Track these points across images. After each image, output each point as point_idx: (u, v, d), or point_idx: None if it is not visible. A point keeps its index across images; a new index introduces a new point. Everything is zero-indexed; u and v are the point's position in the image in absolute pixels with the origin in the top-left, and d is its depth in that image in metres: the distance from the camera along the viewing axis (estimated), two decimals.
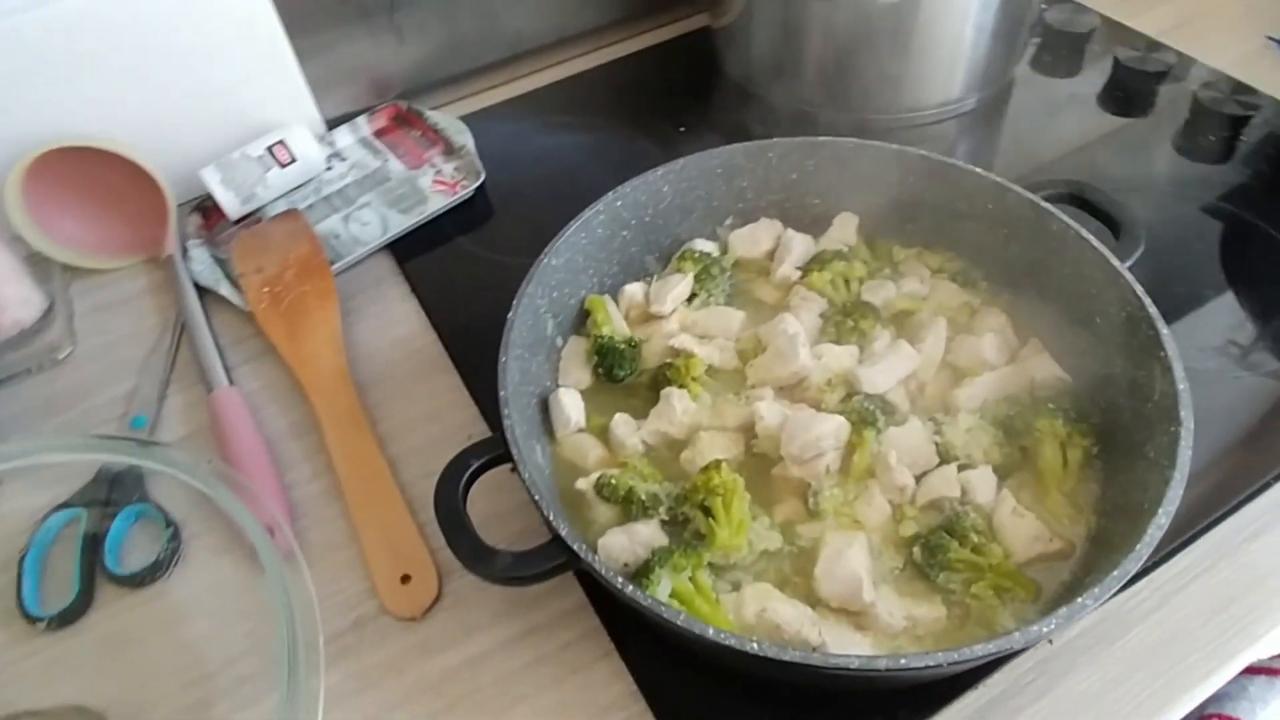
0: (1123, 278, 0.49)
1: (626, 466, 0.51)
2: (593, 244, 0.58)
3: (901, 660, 0.36)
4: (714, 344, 0.57)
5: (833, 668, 0.36)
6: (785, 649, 0.36)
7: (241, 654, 0.48)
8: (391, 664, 0.48)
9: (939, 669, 0.36)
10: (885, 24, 0.72)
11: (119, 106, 0.68)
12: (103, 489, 0.54)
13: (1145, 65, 0.79)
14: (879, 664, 0.36)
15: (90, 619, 0.50)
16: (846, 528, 0.48)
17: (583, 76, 0.86)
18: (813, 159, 0.61)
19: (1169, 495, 0.40)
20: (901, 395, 0.53)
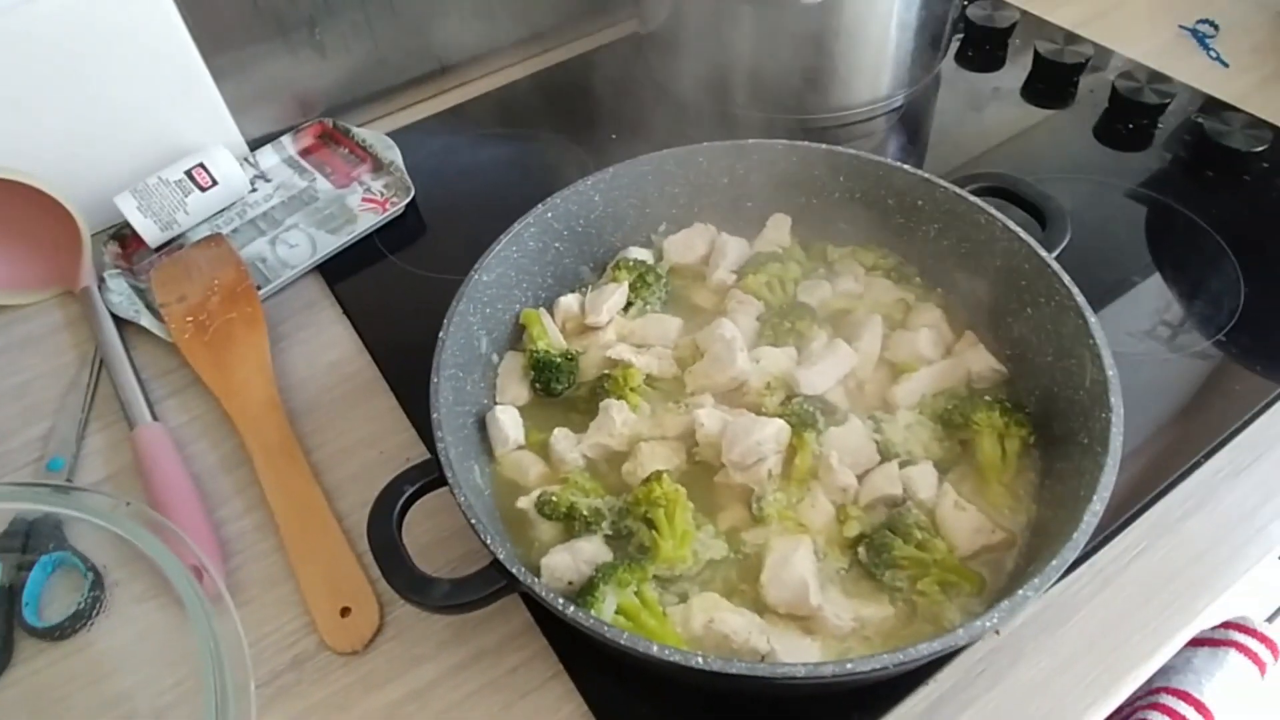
0: (1050, 267, 0.49)
1: (568, 482, 0.50)
2: (524, 257, 0.57)
3: (848, 665, 0.35)
4: (652, 353, 0.56)
5: (780, 677, 0.35)
6: (731, 662, 0.36)
7: (171, 705, 0.46)
8: (334, 702, 0.46)
9: (885, 671, 0.36)
10: (810, 25, 0.72)
11: (24, 134, 0.66)
12: (18, 538, 0.51)
13: (1064, 57, 0.80)
14: (825, 670, 0.35)
15: (10, 675, 0.48)
16: (791, 531, 0.47)
17: (512, 87, 0.85)
18: (743, 162, 0.60)
19: (1102, 481, 0.40)
20: (840, 395, 0.53)
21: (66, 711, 0.47)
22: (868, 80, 0.78)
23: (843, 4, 0.71)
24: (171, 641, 0.48)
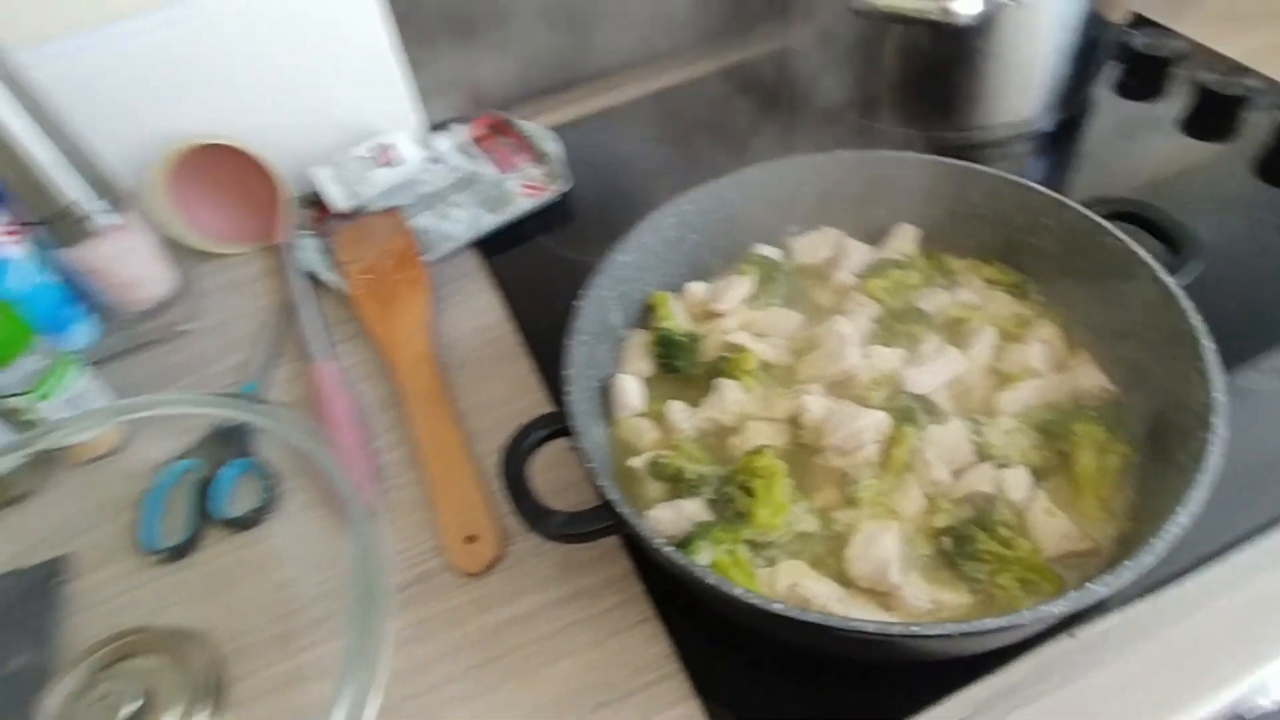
0: (1171, 292, 0.50)
1: (678, 449, 0.54)
2: (661, 244, 0.62)
3: (913, 628, 0.38)
4: (769, 342, 0.60)
5: (849, 630, 0.39)
6: (805, 611, 0.39)
7: (323, 595, 0.54)
8: (450, 616, 0.53)
9: (949, 638, 0.38)
10: (961, 46, 0.74)
11: (247, 111, 0.77)
12: (215, 443, 0.61)
13: (1228, 90, 0.78)
14: (892, 629, 0.38)
15: (197, 555, 0.57)
16: (881, 516, 0.50)
17: (667, 92, 0.91)
18: (874, 172, 0.63)
19: (1192, 496, 0.41)
20: (946, 397, 0.55)
21: (239, 592, 0.56)
22: (1015, 101, 0.79)
23: (995, 28, 0.72)
24: (330, 544, 0.56)
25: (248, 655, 0.51)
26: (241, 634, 0.52)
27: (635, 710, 0.47)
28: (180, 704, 0.48)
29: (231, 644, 0.52)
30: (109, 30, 0.69)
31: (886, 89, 0.81)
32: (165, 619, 0.52)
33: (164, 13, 0.70)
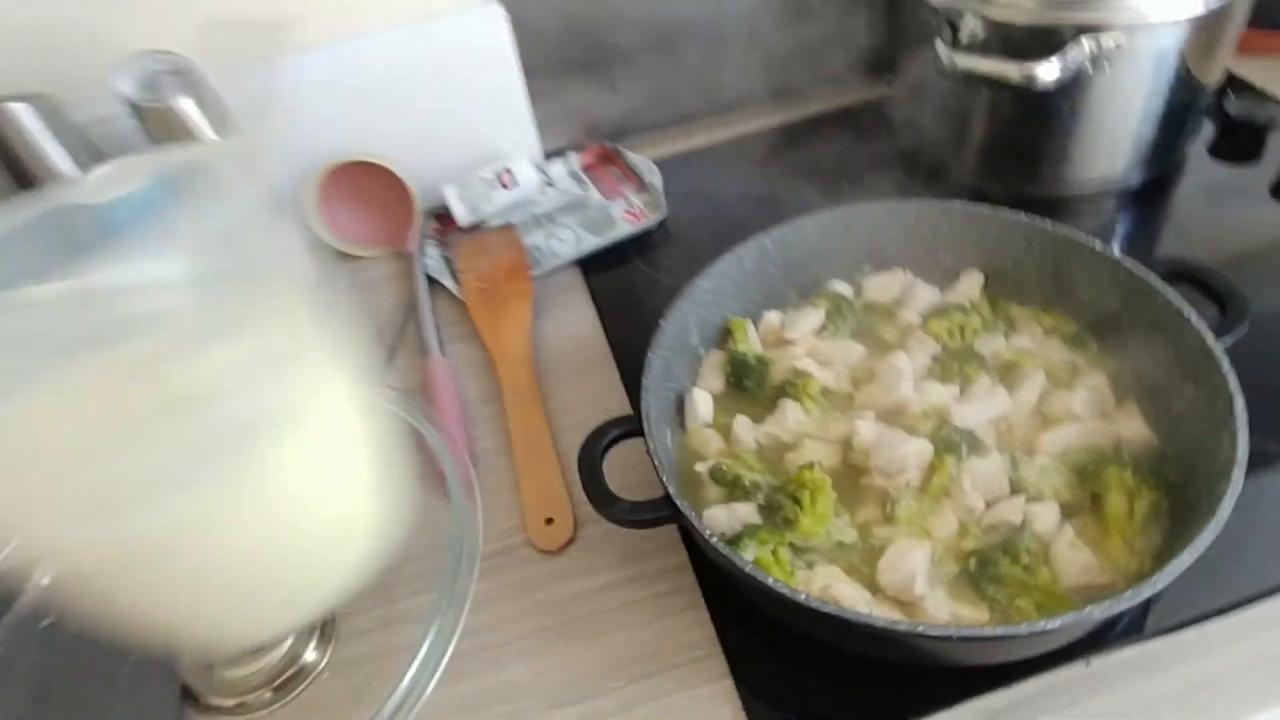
0: (1212, 350, 0.53)
1: (738, 459, 0.60)
2: (742, 274, 0.69)
3: (919, 627, 0.44)
4: (832, 370, 0.65)
5: (859, 622, 0.44)
6: (825, 603, 0.45)
7: (420, 557, 0.62)
8: (525, 585, 0.60)
9: (948, 641, 0.43)
10: (1047, 106, 0.77)
11: (391, 133, 0.87)
12: None
13: None
14: (899, 627, 0.44)
15: None
16: (916, 535, 0.55)
17: (767, 132, 0.97)
18: (946, 221, 0.68)
19: (1201, 537, 0.45)
20: (990, 432, 0.59)
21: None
22: (1102, 159, 0.81)
23: (1082, 89, 0.75)
24: (431, 512, 0.64)
25: (355, 598, 0.60)
26: None
27: (675, 682, 0.54)
28: (300, 633, 0.57)
29: None
30: (291, 60, 0.81)
31: (976, 143, 0.85)
32: None
33: (336, 48, 0.81)
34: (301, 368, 0.29)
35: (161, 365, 0.25)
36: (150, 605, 0.30)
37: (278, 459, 0.29)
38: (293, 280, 0.32)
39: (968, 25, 0.74)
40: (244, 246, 0.29)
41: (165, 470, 0.27)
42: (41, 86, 0.76)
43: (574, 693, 0.54)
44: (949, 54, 0.72)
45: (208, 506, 0.28)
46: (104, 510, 0.27)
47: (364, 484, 0.32)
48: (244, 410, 0.27)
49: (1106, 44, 0.70)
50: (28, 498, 0.27)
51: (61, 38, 0.77)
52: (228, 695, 0.55)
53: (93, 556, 0.28)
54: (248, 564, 0.31)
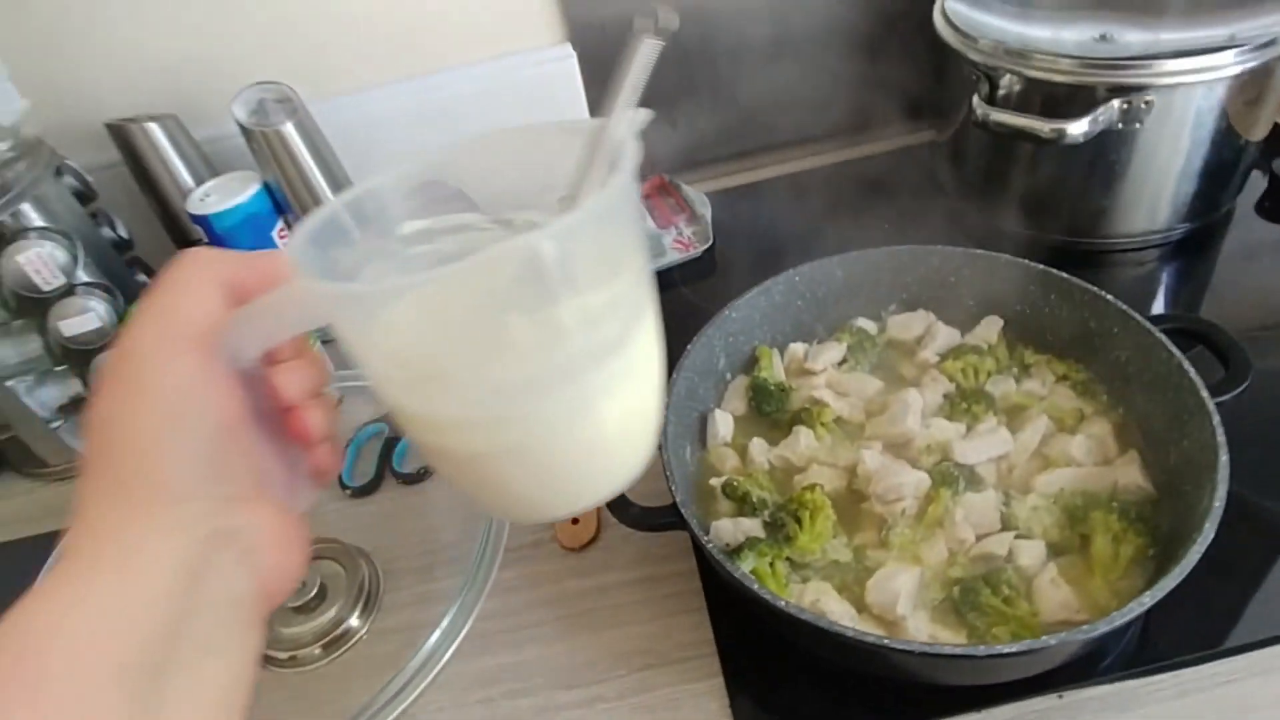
0: (1205, 405, 0.55)
1: (750, 477, 0.65)
2: (770, 306, 0.73)
3: (885, 640, 0.48)
4: (847, 401, 0.70)
5: (832, 630, 0.48)
6: (800, 609, 0.49)
7: (456, 543, 0.69)
8: (549, 576, 0.66)
9: (911, 655, 0.47)
10: (1088, 159, 0.80)
11: None
12: None
13: None
14: (867, 638, 0.48)
15: (375, 497, 0.75)
16: (907, 560, 0.59)
17: (814, 171, 1.02)
18: (969, 267, 0.72)
19: (1160, 584, 0.47)
20: (990, 470, 0.62)
21: (401, 528, 0.72)
22: (1141, 214, 0.83)
23: (1119, 142, 0.77)
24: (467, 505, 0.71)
25: (397, 575, 0.68)
26: (396, 559, 0.69)
27: (672, 675, 0.59)
28: (346, 599, 0.65)
29: (388, 565, 0.68)
30: (377, 92, 0.90)
31: (1018, 192, 0.87)
32: (347, 537, 0.70)
33: (419, 81, 0.90)
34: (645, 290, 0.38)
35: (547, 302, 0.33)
36: (506, 475, 0.38)
37: (629, 360, 0.37)
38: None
39: (1006, 81, 0.77)
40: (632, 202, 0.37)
41: (552, 367, 0.35)
42: (172, 109, 0.87)
43: (580, 676, 0.60)
44: (983, 108, 0.76)
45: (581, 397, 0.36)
46: (499, 395, 0.35)
47: (659, 390, 0.42)
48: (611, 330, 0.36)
49: (1138, 103, 0.72)
50: (434, 370, 0.35)
51: (191, 69, 0.88)
52: (283, 649, 0.63)
53: (478, 436, 0.36)
54: (602, 442, 0.39)
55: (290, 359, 0.36)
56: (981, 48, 0.79)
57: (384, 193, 0.39)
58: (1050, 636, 0.46)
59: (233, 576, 0.32)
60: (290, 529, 0.35)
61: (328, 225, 0.37)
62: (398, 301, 0.34)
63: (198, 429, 0.31)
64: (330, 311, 0.33)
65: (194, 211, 0.84)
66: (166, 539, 0.30)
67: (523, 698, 0.59)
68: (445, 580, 0.67)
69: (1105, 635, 0.47)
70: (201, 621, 0.30)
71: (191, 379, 0.31)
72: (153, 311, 0.32)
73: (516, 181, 0.40)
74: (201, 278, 0.33)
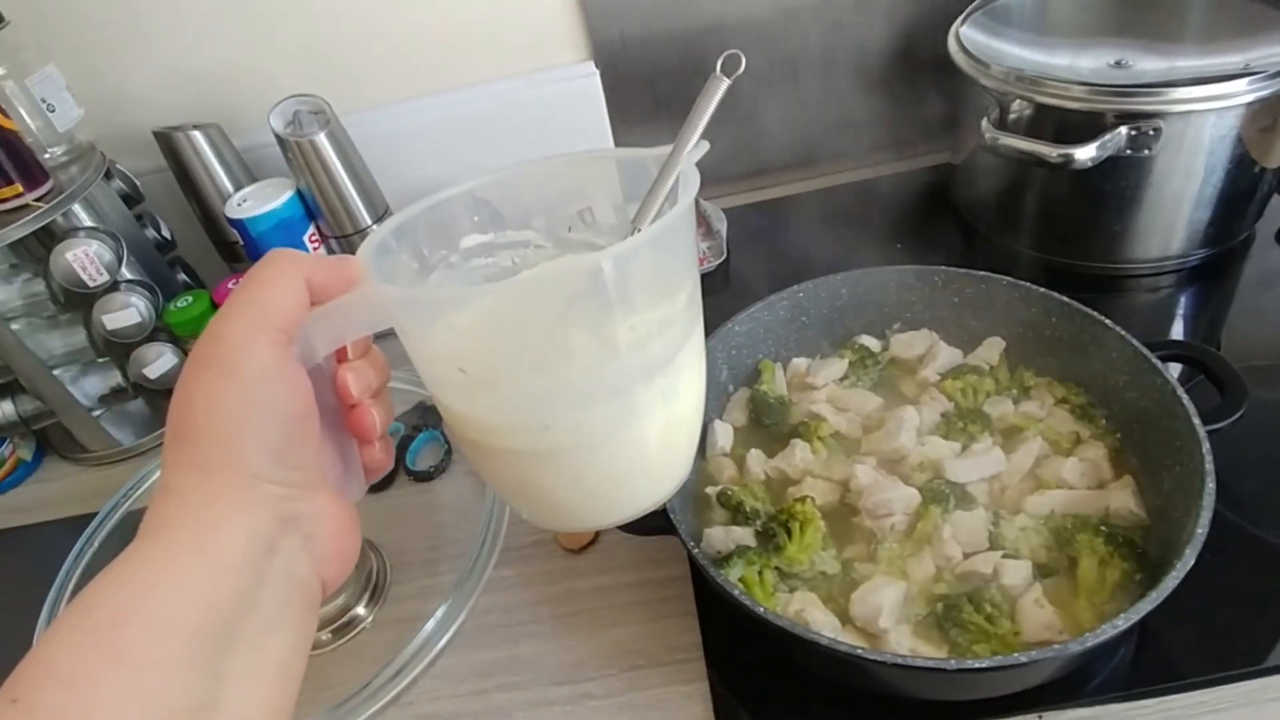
0: (1195, 432, 0.56)
1: (745, 487, 0.67)
2: (774, 321, 0.75)
3: (859, 650, 0.49)
4: (846, 416, 0.71)
5: (809, 639, 0.50)
6: (776, 615, 0.51)
7: (462, 539, 0.72)
8: (548, 576, 0.69)
9: (885, 666, 0.48)
10: (1100, 185, 0.80)
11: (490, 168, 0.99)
12: (416, 415, 0.82)
13: None
14: (840, 646, 0.49)
15: (389, 492, 0.78)
16: (894, 575, 0.60)
17: (830, 190, 1.03)
18: (973, 288, 0.72)
19: (1137, 606, 0.48)
20: (983, 489, 0.63)
21: (410, 524, 0.75)
22: (1154, 240, 0.83)
23: (1133, 171, 0.78)
24: (475, 504, 0.74)
25: (404, 568, 0.70)
26: (405, 552, 0.72)
27: (661, 676, 0.61)
28: (354, 588, 0.68)
29: (397, 558, 0.71)
30: (407, 105, 0.94)
31: (1031, 216, 0.88)
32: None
33: (447, 96, 0.94)
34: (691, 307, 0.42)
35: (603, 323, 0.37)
36: (548, 483, 0.42)
37: (675, 379, 0.41)
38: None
39: (1016, 106, 0.78)
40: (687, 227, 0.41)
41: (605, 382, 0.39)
42: (214, 118, 0.91)
43: (571, 674, 0.62)
44: (992, 132, 0.77)
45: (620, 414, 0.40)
46: (549, 404, 0.39)
47: (702, 402, 0.46)
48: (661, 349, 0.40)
49: (1146, 130, 0.72)
50: (490, 375, 0.39)
51: (232, 79, 0.93)
52: None
53: (525, 442, 0.39)
54: (643, 456, 0.42)
55: (357, 358, 0.38)
56: (993, 74, 0.80)
57: (447, 208, 0.44)
58: (1022, 654, 0.47)
59: (297, 560, 0.34)
60: (347, 518, 0.37)
61: (397, 234, 0.41)
62: (461, 308, 0.38)
63: (275, 416, 0.33)
64: (397, 314, 0.36)
65: (231, 215, 0.88)
66: (244, 518, 0.32)
67: (515, 691, 0.61)
68: (449, 575, 0.70)
69: (1084, 655, 0.48)
70: (268, 600, 0.32)
71: (274, 368, 0.33)
72: (244, 300, 0.34)
73: (553, 204, 0.48)
74: (290, 274, 0.35)
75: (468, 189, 0.44)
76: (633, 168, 0.44)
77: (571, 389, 0.38)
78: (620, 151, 0.46)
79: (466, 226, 0.45)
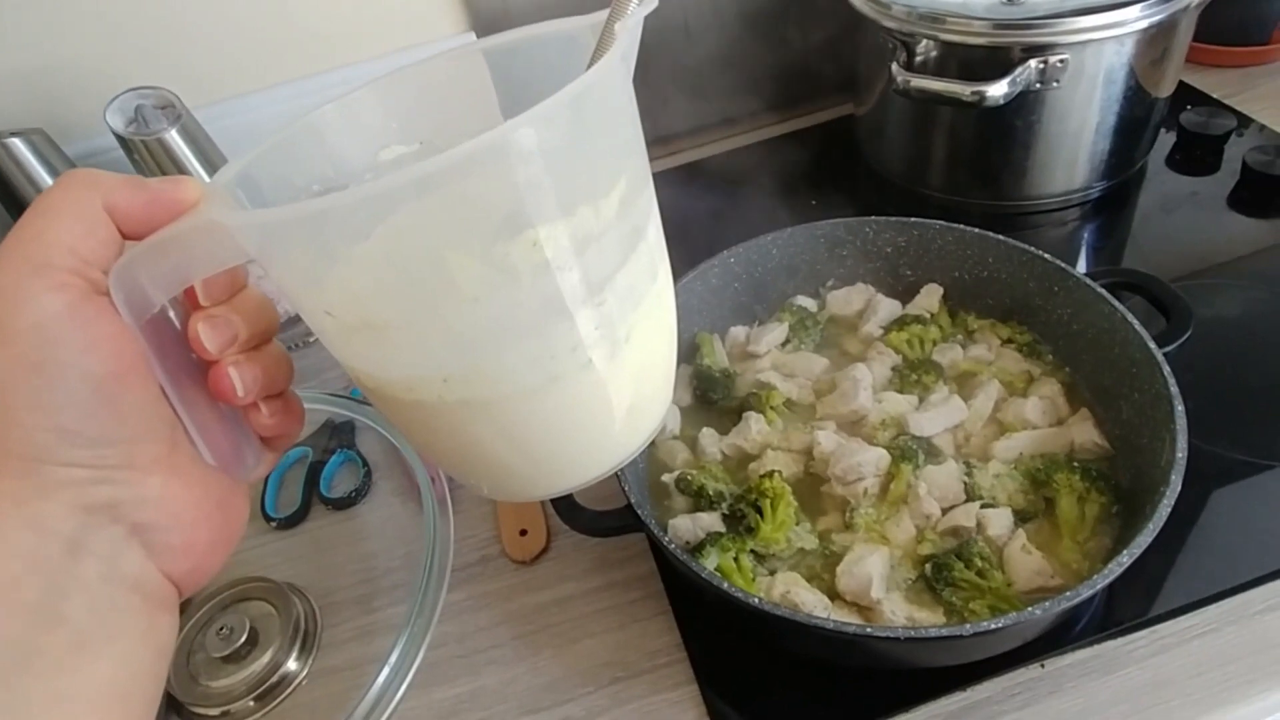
0: (1154, 356, 0.55)
1: (704, 469, 0.62)
2: (707, 291, 0.71)
3: (868, 629, 0.45)
4: (795, 382, 0.67)
5: (810, 624, 0.46)
6: (776, 605, 0.47)
7: (397, 568, 0.64)
8: (501, 593, 0.62)
9: (897, 641, 0.45)
10: (1003, 122, 0.80)
11: None
12: (325, 434, 0.73)
13: (1275, 169, 0.81)
14: (847, 628, 0.45)
15: (304, 525, 0.69)
16: (874, 541, 0.57)
17: (738, 152, 1.00)
18: (904, 236, 0.70)
19: (1136, 541, 0.46)
20: (948, 440, 0.61)
21: (334, 558, 0.67)
22: (1060, 172, 0.84)
23: (1036, 104, 0.78)
24: (407, 525, 0.66)
25: (335, 609, 0.62)
26: (333, 591, 0.64)
27: (645, 687, 0.56)
28: (280, 641, 0.59)
29: (325, 599, 0.63)
30: (272, 93, 0.84)
31: (939, 160, 0.88)
32: (276, 574, 0.64)
33: (316, 80, 0.84)
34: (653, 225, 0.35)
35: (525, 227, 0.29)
36: (485, 441, 0.34)
37: (646, 311, 0.34)
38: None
39: (923, 48, 0.77)
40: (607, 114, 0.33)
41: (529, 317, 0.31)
42: (37, 122, 0.79)
43: (545, 698, 0.56)
44: (903, 75, 0.75)
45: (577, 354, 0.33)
46: (466, 343, 0.31)
47: (671, 342, 0.39)
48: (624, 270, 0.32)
49: (1054, 62, 0.72)
50: (386, 317, 0.30)
51: (57, 77, 0.80)
52: (212, 705, 0.57)
53: (449, 393, 0.32)
54: (588, 408, 0.35)
55: (214, 304, 0.30)
56: (895, 14, 0.78)
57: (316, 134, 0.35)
58: (1035, 607, 0.45)
59: (120, 556, 0.28)
60: (204, 500, 0.30)
61: (261, 162, 0.33)
62: (335, 228, 0.29)
63: (65, 381, 0.26)
64: (253, 245, 0.28)
65: None
66: (23, 513, 0.26)
67: None
68: (388, 609, 0.62)
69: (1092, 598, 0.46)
70: (76, 610, 0.26)
71: (61, 319, 0.26)
72: (19, 241, 0.26)
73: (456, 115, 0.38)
74: (81, 200, 0.27)
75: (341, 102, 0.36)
76: (556, 47, 0.35)
77: (464, 329, 0.30)
78: (543, 26, 0.36)
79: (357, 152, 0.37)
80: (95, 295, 0.27)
